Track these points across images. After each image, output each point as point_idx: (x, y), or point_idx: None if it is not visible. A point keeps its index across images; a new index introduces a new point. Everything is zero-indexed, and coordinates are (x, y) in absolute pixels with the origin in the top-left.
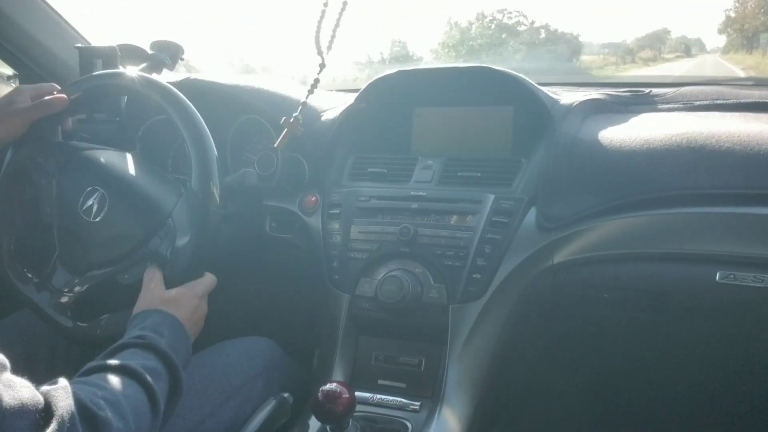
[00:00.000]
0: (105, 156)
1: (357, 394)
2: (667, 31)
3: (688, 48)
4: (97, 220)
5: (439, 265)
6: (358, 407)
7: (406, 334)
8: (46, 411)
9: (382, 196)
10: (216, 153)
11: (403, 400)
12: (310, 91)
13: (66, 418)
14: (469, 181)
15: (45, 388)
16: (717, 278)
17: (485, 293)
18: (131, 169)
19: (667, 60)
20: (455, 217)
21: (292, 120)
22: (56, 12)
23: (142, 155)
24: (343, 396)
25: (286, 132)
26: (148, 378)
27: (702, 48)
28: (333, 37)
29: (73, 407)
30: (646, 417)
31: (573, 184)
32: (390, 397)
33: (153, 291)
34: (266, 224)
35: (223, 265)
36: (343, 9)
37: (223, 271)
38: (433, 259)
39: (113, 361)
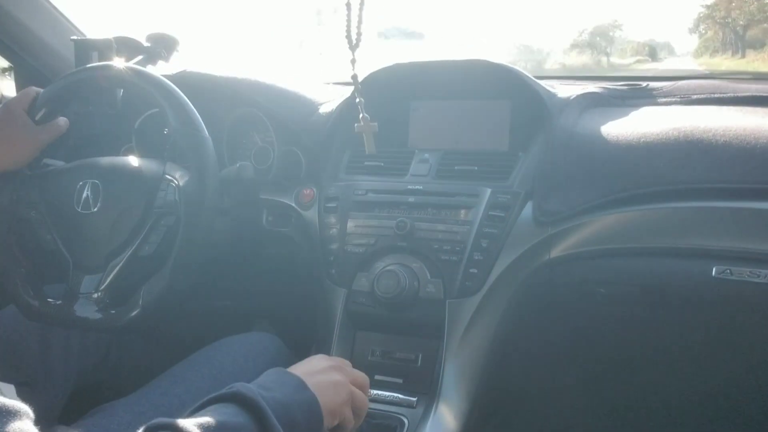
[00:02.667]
0: (82, 160)
1: None
2: (617, 26)
3: (653, 51)
4: (97, 208)
5: (435, 259)
6: None
7: (402, 329)
8: None
9: (379, 189)
10: (212, 146)
11: (400, 396)
12: (356, 88)
13: None
14: (466, 175)
15: None
16: (713, 273)
17: (482, 288)
18: (111, 157)
19: (621, 67)
20: (452, 211)
21: (362, 123)
22: (52, 4)
23: (137, 148)
24: None
25: (366, 135)
26: None
27: (671, 51)
28: (359, 32)
29: None
30: (642, 411)
31: (570, 178)
32: (386, 393)
33: None
34: (263, 218)
35: (220, 258)
36: (362, 3)
37: (220, 264)
38: (430, 254)
39: (179, 420)
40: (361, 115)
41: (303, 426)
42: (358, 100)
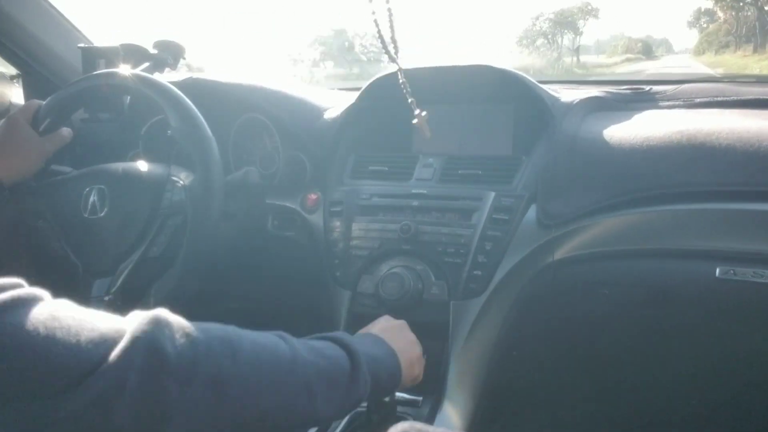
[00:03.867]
0: (88, 168)
1: None
2: (591, 10)
3: (648, 47)
4: (104, 213)
5: (440, 262)
6: None
7: None
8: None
9: (384, 194)
10: (215, 144)
11: (405, 396)
12: (405, 89)
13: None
14: (470, 179)
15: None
16: (717, 274)
17: (486, 290)
18: (116, 163)
19: (597, 66)
20: (456, 214)
21: (419, 119)
22: (59, 12)
23: (144, 154)
24: None
25: (422, 126)
26: (297, 344)
27: (669, 48)
28: (394, 39)
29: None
30: (646, 412)
31: (573, 182)
32: None
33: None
34: (268, 222)
35: (226, 262)
36: (391, 13)
37: (226, 268)
38: (434, 256)
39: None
40: (417, 111)
41: (384, 383)
42: (410, 100)
